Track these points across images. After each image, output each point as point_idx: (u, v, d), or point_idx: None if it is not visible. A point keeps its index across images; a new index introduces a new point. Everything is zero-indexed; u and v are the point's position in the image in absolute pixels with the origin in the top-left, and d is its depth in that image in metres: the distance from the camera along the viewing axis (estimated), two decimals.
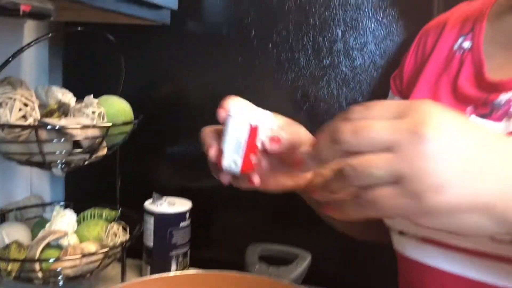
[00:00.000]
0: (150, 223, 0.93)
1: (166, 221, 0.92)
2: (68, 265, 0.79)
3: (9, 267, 0.79)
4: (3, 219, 0.93)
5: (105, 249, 0.82)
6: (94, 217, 0.94)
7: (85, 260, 0.80)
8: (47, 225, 0.88)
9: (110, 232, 0.87)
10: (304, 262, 0.66)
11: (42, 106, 0.85)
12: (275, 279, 0.61)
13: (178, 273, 0.64)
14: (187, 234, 0.94)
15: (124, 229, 0.90)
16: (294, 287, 0.59)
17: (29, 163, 0.82)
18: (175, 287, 0.61)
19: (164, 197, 0.95)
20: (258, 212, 0.94)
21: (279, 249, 0.69)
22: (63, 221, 0.88)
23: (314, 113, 0.97)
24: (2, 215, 0.94)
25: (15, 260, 0.79)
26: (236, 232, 0.94)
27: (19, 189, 1.07)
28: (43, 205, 0.97)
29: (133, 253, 0.97)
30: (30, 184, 1.09)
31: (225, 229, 0.98)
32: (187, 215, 0.93)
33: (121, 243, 0.84)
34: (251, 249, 0.69)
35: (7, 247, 0.83)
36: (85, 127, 0.79)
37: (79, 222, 0.93)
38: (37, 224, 0.92)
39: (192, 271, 0.64)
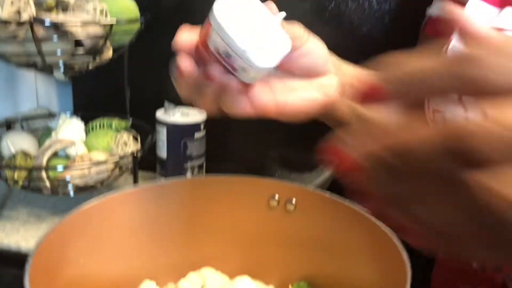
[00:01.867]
0: (162, 133, 0.87)
1: (179, 132, 0.87)
2: (76, 174, 0.75)
3: (16, 176, 0.75)
4: (9, 129, 0.88)
5: (115, 158, 0.77)
6: (103, 127, 0.89)
7: (94, 169, 0.76)
8: (53, 134, 0.83)
9: (119, 141, 0.82)
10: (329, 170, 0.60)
11: (37, 3, 0.77)
12: (298, 185, 0.55)
13: (195, 178, 0.58)
14: (202, 145, 0.88)
15: (135, 138, 0.85)
16: (319, 193, 0.54)
17: (28, 65, 0.75)
18: (191, 192, 0.56)
19: (177, 107, 0.89)
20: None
21: (303, 155, 0.62)
22: (70, 130, 0.83)
23: (340, 13, 0.87)
24: (8, 125, 0.89)
25: (21, 168, 0.75)
26: (255, 143, 0.88)
27: (25, 101, 1.01)
28: (50, 115, 0.92)
29: (146, 166, 0.93)
30: (36, 96, 1.04)
31: (243, 141, 0.92)
32: (202, 125, 0.87)
33: (132, 153, 0.79)
34: (271, 155, 0.63)
35: (13, 156, 0.79)
36: (86, 24, 0.71)
37: (87, 132, 0.88)
38: (44, 135, 0.87)
39: (207, 176, 0.59)
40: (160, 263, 0.56)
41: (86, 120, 0.91)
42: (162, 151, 0.88)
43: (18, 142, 0.83)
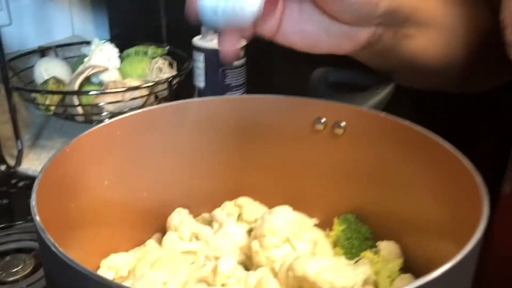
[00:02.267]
0: (199, 61, 0.81)
1: (217, 59, 0.80)
2: (109, 100, 0.71)
3: (48, 101, 0.72)
4: (43, 57, 0.85)
5: (150, 83, 0.72)
6: (138, 54, 0.84)
7: (128, 95, 0.71)
8: (86, 59, 0.78)
9: (154, 67, 0.76)
10: (386, 87, 0.51)
11: None
12: (348, 105, 0.48)
13: (234, 97, 0.52)
14: (242, 74, 0.82)
15: (171, 65, 0.79)
16: (373, 113, 0.46)
17: None
18: (229, 112, 0.50)
19: (215, 32, 0.82)
20: None
21: (354, 74, 0.55)
22: (104, 56, 0.79)
23: None
24: (42, 52, 0.85)
25: (52, 93, 0.71)
26: (300, 69, 0.80)
27: (60, 30, 0.97)
28: (84, 42, 0.87)
29: (183, 98, 0.88)
30: (72, 24, 0.99)
31: (287, 68, 0.85)
32: (242, 52, 0.80)
33: (167, 79, 0.73)
34: (318, 74, 0.56)
35: (45, 82, 0.75)
36: None
37: (122, 60, 0.83)
38: (78, 62, 0.83)
39: (247, 95, 0.52)
40: (193, 190, 0.51)
41: (122, 48, 0.86)
42: (200, 80, 0.82)
43: (51, 69, 0.79)
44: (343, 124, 0.48)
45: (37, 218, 0.29)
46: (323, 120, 0.49)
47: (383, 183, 0.48)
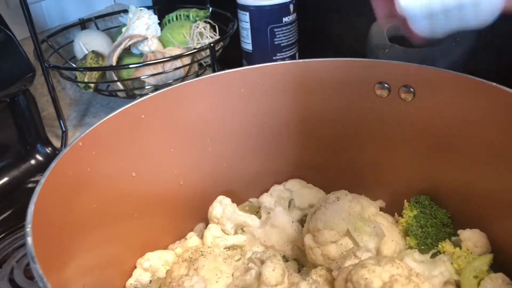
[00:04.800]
0: (245, 20, 0.73)
1: (265, 16, 0.72)
2: (149, 72, 0.65)
3: (87, 78, 0.68)
4: (83, 29, 0.81)
5: (191, 51, 0.66)
6: (179, 19, 0.77)
7: (169, 65, 0.66)
8: (123, 29, 0.73)
9: (195, 33, 0.70)
10: (464, 41, 0.41)
11: None
12: (418, 66, 0.39)
13: (286, 62, 0.45)
14: (293, 32, 0.73)
15: (213, 29, 0.72)
16: (449, 74, 0.37)
17: None
18: (281, 80, 0.43)
19: None
20: None
21: None
22: (142, 23, 0.73)
23: None
24: (82, 25, 0.81)
25: (88, 69, 0.67)
26: (358, 24, 0.70)
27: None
28: (123, 11, 0.82)
29: (231, 64, 0.81)
30: None
31: (343, 23, 0.75)
32: (291, 7, 0.71)
33: (210, 44, 0.66)
34: (378, 29, 0.46)
35: (85, 57, 0.71)
36: None
37: (163, 27, 0.77)
38: (117, 33, 0.78)
39: (301, 60, 0.44)
40: (236, 174, 0.45)
41: (163, 14, 0.80)
42: (247, 43, 0.75)
43: (90, 43, 0.75)
44: (411, 88, 0.39)
45: (29, 240, 0.24)
46: (387, 84, 0.40)
47: (464, 156, 0.39)
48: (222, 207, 0.42)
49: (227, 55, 0.76)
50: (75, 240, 0.32)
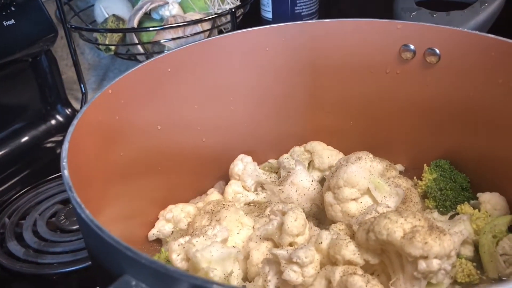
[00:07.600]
0: None
1: None
2: (170, 36, 0.66)
3: (107, 41, 0.68)
4: None
5: (211, 16, 0.66)
6: None
7: (189, 29, 0.66)
8: None
9: None
10: (493, 2, 0.41)
11: None
12: (444, 27, 0.39)
13: (306, 22, 0.44)
14: (314, 1, 0.73)
15: None
16: (477, 35, 0.37)
17: None
18: (300, 39, 0.43)
19: None
20: None
21: None
22: None
23: None
24: None
25: (109, 31, 0.67)
26: None
27: None
28: None
29: None
30: None
31: None
32: None
33: (230, 9, 0.66)
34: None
35: (105, 21, 0.71)
36: None
37: None
38: None
39: (320, 21, 0.44)
40: (257, 134, 0.46)
41: None
42: (267, 11, 0.75)
43: (111, 6, 0.75)
44: (437, 50, 0.39)
45: (66, 172, 0.24)
46: (412, 46, 0.40)
47: (487, 121, 0.39)
48: (244, 164, 0.42)
49: (246, 24, 0.76)
50: (103, 190, 0.32)
